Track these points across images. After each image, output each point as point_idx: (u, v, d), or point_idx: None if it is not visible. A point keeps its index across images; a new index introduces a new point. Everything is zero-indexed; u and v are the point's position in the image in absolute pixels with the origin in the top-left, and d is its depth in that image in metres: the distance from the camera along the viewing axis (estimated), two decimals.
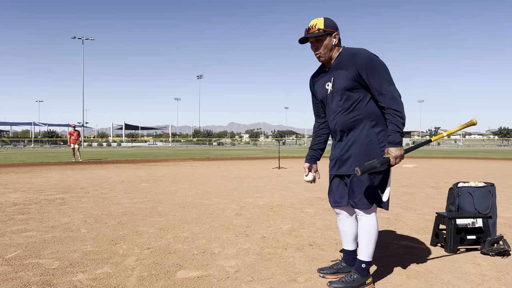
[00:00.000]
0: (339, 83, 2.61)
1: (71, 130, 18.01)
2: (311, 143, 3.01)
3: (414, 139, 77.16)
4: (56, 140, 61.98)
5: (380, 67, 2.53)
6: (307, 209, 5.64)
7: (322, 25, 2.58)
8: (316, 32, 2.59)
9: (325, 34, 2.59)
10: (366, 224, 2.67)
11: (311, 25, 2.61)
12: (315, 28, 2.59)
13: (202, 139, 73.96)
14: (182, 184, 8.69)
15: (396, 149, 2.47)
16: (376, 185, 2.63)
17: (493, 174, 11.64)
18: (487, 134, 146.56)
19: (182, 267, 3.10)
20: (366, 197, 2.62)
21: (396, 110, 2.48)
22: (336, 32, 2.63)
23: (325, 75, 2.72)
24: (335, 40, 2.63)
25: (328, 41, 2.61)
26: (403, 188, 8.10)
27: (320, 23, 2.59)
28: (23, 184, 8.50)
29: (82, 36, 55.10)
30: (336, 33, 2.63)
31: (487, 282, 2.82)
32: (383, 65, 2.55)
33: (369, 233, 2.67)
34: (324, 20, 2.60)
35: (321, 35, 2.58)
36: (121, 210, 5.49)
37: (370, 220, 2.66)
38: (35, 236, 4.02)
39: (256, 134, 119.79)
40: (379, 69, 2.52)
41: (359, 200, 2.63)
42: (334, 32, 2.61)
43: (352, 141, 2.63)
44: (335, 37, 2.62)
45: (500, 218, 4.91)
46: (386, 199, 2.66)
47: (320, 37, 2.60)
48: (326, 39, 2.61)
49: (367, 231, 2.67)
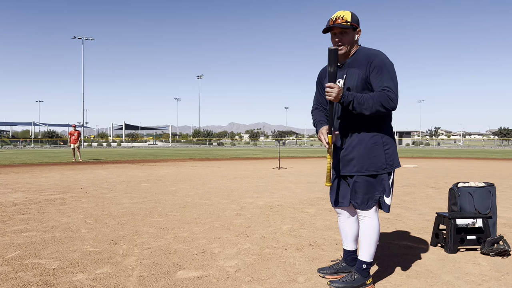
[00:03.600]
0: (351, 82, 2.59)
1: (72, 130, 18.02)
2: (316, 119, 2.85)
3: (414, 139, 77.17)
4: (56, 140, 61.98)
5: (391, 71, 2.53)
6: (307, 209, 5.64)
7: (350, 18, 2.56)
8: (344, 24, 2.55)
9: (351, 27, 2.57)
10: (368, 225, 2.67)
11: (337, 16, 2.57)
12: (343, 19, 2.56)
13: (202, 139, 73.98)
14: (182, 184, 8.69)
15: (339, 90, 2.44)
16: (380, 188, 2.63)
17: (493, 174, 11.63)
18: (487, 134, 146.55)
19: (182, 267, 3.10)
20: (368, 199, 2.62)
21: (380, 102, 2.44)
22: (359, 29, 2.63)
23: (339, 71, 2.68)
24: (357, 36, 2.63)
25: (352, 35, 2.60)
26: (403, 188, 8.09)
27: (348, 15, 2.57)
28: (23, 184, 8.50)
29: (82, 36, 55.11)
30: (359, 30, 2.63)
31: (487, 282, 2.82)
32: (393, 72, 2.54)
33: (370, 234, 2.67)
34: (351, 14, 2.58)
35: (348, 27, 2.55)
36: (121, 210, 5.49)
37: (372, 221, 2.66)
38: (35, 236, 4.02)
39: (256, 134, 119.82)
40: (390, 71, 2.52)
41: (361, 201, 2.63)
42: (358, 28, 2.62)
43: (356, 142, 2.61)
44: (357, 33, 2.63)
45: (500, 218, 4.91)
46: (390, 202, 2.66)
47: (346, 29, 2.57)
48: (350, 32, 2.59)
49: (369, 232, 2.67)
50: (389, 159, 2.62)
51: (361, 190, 2.61)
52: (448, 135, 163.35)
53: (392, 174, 2.67)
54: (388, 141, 2.62)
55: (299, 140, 78.12)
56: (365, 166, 2.59)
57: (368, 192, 2.61)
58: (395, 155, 2.67)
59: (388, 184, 2.64)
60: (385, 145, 2.61)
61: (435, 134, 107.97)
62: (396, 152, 2.68)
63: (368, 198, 2.62)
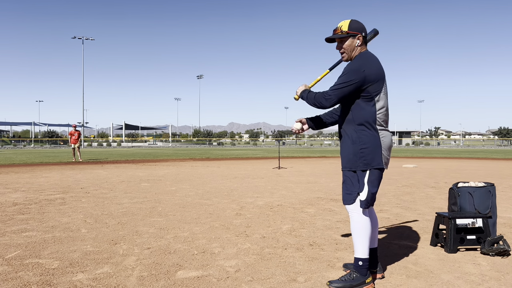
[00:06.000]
0: None
1: (72, 130, 18.03)
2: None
3: (414, 139, 77.16)
4: (56, 140, 62.00)
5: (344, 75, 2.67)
6: (307, 209, 5.64)
7: (347, 27, 2.75)
8: (338, 34, 2.77)
9: (348, 36, 2.75)
10: (355, 221, 2.76)
11: (338, 26, 2.79)
12: (340, 30, 2.77)
13: (202, 139, 73.97)
14: (182, 184, 8.69)
15: (300, 89, 2.89)
16: (357, 183, 2.72)
17: (493, 174, 11.63)
18: (487, 134, 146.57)
19: (182, 267, 3.10)
20: (347, 194, 2.77)
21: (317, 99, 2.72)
22: (360, 34, 2.74)
23: None
24: (359, 41, 2.76)
25: (351, 42, 2.76)
26: (403, 188, 8.10)
27: (345, 25, 2.75)
28: (23, 184, 8.51)
29: (82, 36, 55.12)
30: (360, 35, 2.75)
31: (487, 282, 2.82)
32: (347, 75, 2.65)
33: (359, 229, 2.74)
34: (350, 23, 2.76)
35: (344, 36, 2.75)
36: (121, 210, 5.49)
37: (358, 216, 2.74)
38: (35, 236, 4.02)
39: (256, 134, 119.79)
40: (343, 75, 2.68)
41: (342, 196, 2.83)
42: (357, 34, 2.74)
43: (344, 141, 2.81)
44: (358, 38, 2.75)
45: (500, 218, 4.91)
46: (363, 198, 2.72)
47: (343, 38, 2.77)
48: (348, 40, 2.76)
49: (357, 227, 2.75)
50: (365, 158, 2.67)
51: (343, 186, 2.81)
52: (448, 135, 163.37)
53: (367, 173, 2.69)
54: (366, 140, 2.67)
55: (299, 140, 78.13)
56: (344, 162, 2.80)
57: (348, 188, 2.77)
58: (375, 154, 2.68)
59: (362, 181, 2.71)
60: (362, 144, 2.68)
61: (435, 134, 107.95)
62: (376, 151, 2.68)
63: (348, 193, 2.78)
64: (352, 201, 2.75)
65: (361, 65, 2.65)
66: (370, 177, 2.70)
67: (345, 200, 2.80)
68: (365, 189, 2.71)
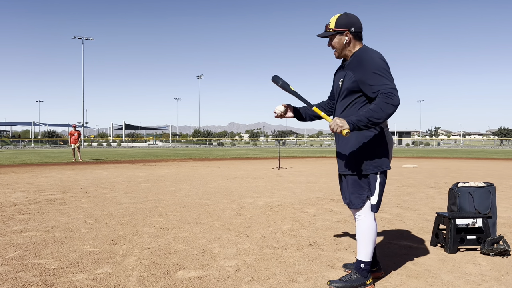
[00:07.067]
0: (346, 83, 2.65)
1: (72, 130, 18.04)
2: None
3: (414, 139, 77.16)
4: (56, 140, 61.98)
5: (382, 72, 2.47)
6: (307, 209, 5.64)
7: (333, 25, 2.62)
8: (325, 32, 2.67)
9: (335, 33, 2.63)
10: (363, 224, 2.69)
11: (328, 22, 2.67)
12: (327, 27, 2.66)
13: (202, 139, 73.96)
14: (182, 184, 8.69)
15: (343, 123, 2.38)
16: (367, 187, 2.65)
17: (493, 174, 11.63)
18: (487, 134, 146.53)
19: (182, 267, 3.10)
20: (357, 198, 2.66)
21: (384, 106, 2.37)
22: (347, 31, 2.61)
23: (342, 71, 2.75)
24: (347, 38, 2.62)
25: (338, 39, 2.64)
26: (403, 188, 8.09)
27: (333, 22, 2.63)
28: (23, 184, 8.50)
29: (82, 36, 55.17)
30: (347, 32, 2.61)
31: (487, 282, 2.82)
32: (385, 71, 2.47)
33: (366, 233, 2.68)
34: (337, 19, 2.62)
35: (330, 34, 2.64)
36: (121, 210, 5.49)
37: (367, 220, 2.68)
38: (35, 236, 4.02)
39: (256, 134, 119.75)
40: (382, 73, 2.47)
41: (350, 200, 2.70)
42: (345, 30, 2.61)
43: (346, 142, 2.68)
44: (346, 35, 2.62)
45: (500, 218, 4.91)
46: (375, 202, 2.67)
47: (330, 35, 2.65)
48: (336, 37, 2.64)
49: (364, 231, 2.69)
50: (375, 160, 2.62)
51: (351, 189, 2.70)
52: (448, 135, 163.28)
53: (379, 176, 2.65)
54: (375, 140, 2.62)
55: (299, 140, 78.09)
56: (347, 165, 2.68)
57: (357, 192, 2.67)
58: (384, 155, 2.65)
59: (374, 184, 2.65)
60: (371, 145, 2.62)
61: (435, 134, 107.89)
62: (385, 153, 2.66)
63: (357, 197, 2.67)
64: (361, 204, 2.66)
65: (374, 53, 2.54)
66: (381, 180, 2.65)
67: (354, 204, 2.68)
68: (376, 193, 2.65)
